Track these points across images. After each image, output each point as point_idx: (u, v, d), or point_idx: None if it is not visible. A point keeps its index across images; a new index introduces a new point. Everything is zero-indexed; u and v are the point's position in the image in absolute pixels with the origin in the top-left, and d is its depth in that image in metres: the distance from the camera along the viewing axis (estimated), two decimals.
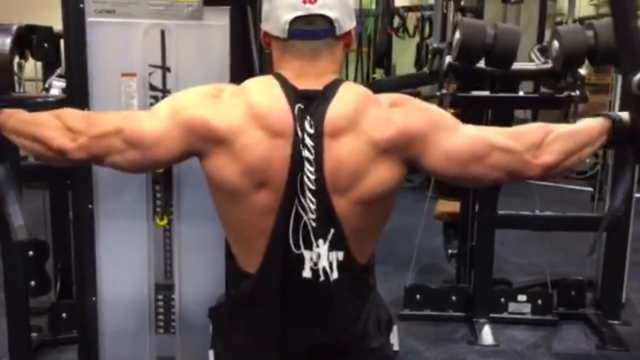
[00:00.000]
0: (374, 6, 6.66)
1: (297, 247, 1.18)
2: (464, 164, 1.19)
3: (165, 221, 1.88)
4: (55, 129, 1.21)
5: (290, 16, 1.17)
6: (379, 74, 6.83)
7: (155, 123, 1.20)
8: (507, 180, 1.24)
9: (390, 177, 1.18)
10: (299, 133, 1.14)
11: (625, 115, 1.26)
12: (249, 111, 1.16)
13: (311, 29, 1.18)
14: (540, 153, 1.21)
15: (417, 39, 6.45)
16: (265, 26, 1.24)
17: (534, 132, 1.23)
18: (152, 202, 1.89)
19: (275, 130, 1.15)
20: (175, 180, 1.89)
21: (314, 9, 1.17)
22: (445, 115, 1.24)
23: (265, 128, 1.15)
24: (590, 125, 1.27)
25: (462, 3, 5.11)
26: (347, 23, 1.22)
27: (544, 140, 1.22)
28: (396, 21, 6.45)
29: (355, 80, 6.67)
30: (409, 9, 6.77)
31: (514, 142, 1.20)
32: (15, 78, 2.33)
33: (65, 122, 1.22)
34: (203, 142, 1.18)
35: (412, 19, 6.58)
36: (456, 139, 1.19)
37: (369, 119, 1.16)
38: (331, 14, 1.18)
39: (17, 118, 1.25)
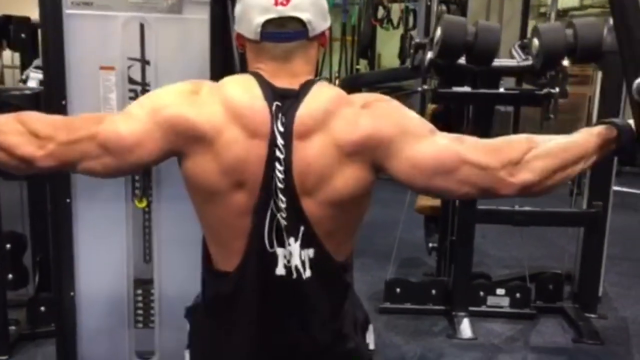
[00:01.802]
0: None
1: (271, 245, 1.17)
2: (430, 175, 1.14)
3: (144, 203, 1.88)
4: (19, 134, 1.11)
5: (261, 19, 1.16)
6: (362, 64, 6.83)
7: (133, 124, 1.14)
8: (480, 196, 1.18)
9: (356, 181, 1.16)
10: (276, 131, 1.13)
11: (631, 123, 1.17)
12: (228, 109, 1.14)
13: (283, 32, 1.17)
14: (518, 171, 1.13)
15: (401, 30, 6.45)
16: (238, 28, 1.23)
17: (515, 147, 1.15)
18: (131, 185, 1.89)
19: (252, 129, 1.14)
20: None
21: (286, 11, 1.15)
22: (418, 122, 1.18)
23: (244, 126, 1.14)
24: (586, 139, 1.18)
25: None
26: (320, 24, 1.20)
27: (524, 157, 1.14)
28: (380, 12, 6.43)
29: (339, 70, 6.66)
30: (394, 0, 6.75)
31: (488, 157, 1.14)
32: None
33: (30, 127, 1.12)
34: (185, 141, 1.15)
35: (396, 10, 6.57)
36: (423, 147, 1.14)
37: (338, 121, 1.14)
38: (303, 16, 1.16)
39: None
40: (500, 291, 2.94)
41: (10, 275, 2.45)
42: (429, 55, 2.37)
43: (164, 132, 1.14)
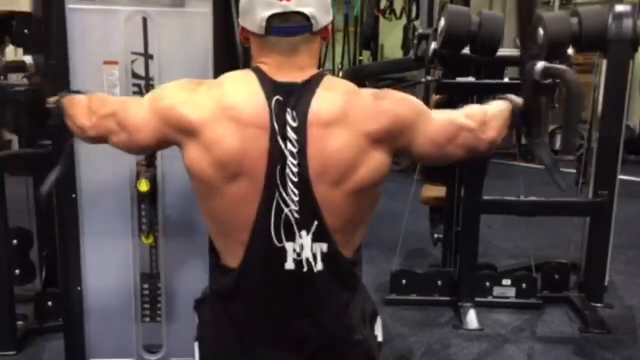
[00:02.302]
0: None
1: (279, 240, 1.18)
2: (443, 146, 1.28)
3: (151, 239, 1.92)
4: (82, 107, 1.38)
5: (267, 13, 1.18)
6: (365, 56, 6.80)
7: (139, 110, 1.26)
8: (466, 156, 1.34)
9: (380, 167, 1.20)
10: (276, 126, 1.15)
11: (520, 99, 1.44)
12: (220, 103, 1.17)
13: (288, 26, 1.19)
14: (487, 130, 1.35)
15: (404, 20, 6.42)
16: (243, 22, 1.25)
17: (479, 112, 1.37)
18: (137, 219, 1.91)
19: (248, 122, 1.15)
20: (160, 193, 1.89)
21: (291, 6, 1.17)
22: (422, 104, 1.30)
23: (236, 120, 1.15)
24: (505, 107, 1.42)
25: None
26: (324, 18, 1.22)
27: (486, 119, 1.36)
28: (383, 3, 6.40)
29: (342, 61, 6.64)
30: None
31: (471, 122, 1.32)
32: None
33: (90, 102, 1.38)
34: (176, 133, 1.21)
35: (399, 0, 6.53)
36: (436, 124, 1.27)
37: (358, 111, 1.18)
38: (307, 10, 1.18)
39: (67, 100, 1.43)
40: (506, 282, 2.93)
41: (17, 271, 2.46)
42: (433, 46, 2.36)
43: (157, 121, 1.23)
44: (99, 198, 1.91)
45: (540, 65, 1.41)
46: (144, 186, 1.82)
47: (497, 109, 1.40)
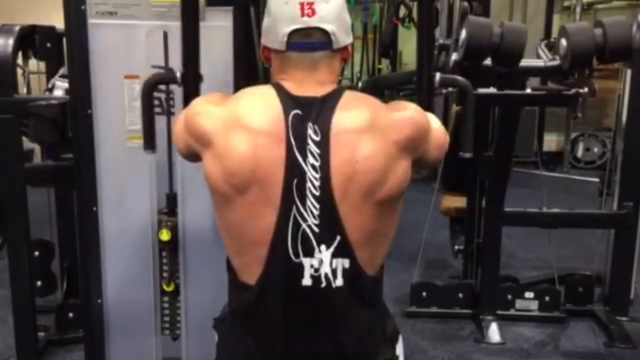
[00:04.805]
0: None
1: (296, 255, 1.17)
2: (441, 150, 1.32)
3: (172, 287, 1.95)
4: None
5: (288, 29, 1.20)
6: (384, 64, 6.78)
7: (179, 122, 1.31)
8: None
9: (406, 176, 1.22)
10: (292, 139, 1.15)
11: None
12: (232, 113, 1.19)
13: (309, 42, 1.21)
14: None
15: None
16: (265, 40, 1.26)
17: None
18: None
19: (260, 130, 1.16)
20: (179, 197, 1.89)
21: (312, 22, 1.19)
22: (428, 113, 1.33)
23: (247, 128, 1.16)
24: None
25: None
26: (344, 38, 1.24)
27: None
28: (402, 11, 6.38)
29: (360, 69, 6.63)
30: None
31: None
32: (20, 71, 2.32)
33: None
34: (195, 142, 1.23)
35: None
36: (440, 131, 1.32)
37: (382, 121, 1.19)
38: (328, 27, 1.20)
39: None
40: (528, 294, 2.88)
41: (38, 282, 2.48)
42: (454, 56, 2.34)
43: (185, 132, 1.25)
44: (120, 212, 1.92)
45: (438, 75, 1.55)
46: (165, 235, 1.88)
47: None
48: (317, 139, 1.15)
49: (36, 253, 2.46)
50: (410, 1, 6.41)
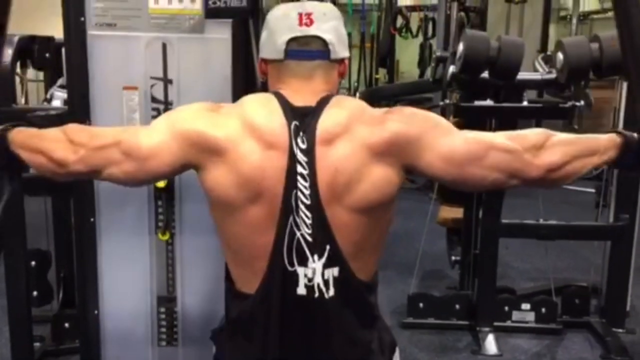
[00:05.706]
0: (376, 0, 6.64)
1: (291, 264, 1.18)
2: (462, 165, 1.18)
3: (167, 236, 1.88)
4: (58, 141, 1.25)
5: (286, 37, 1.21)
6: (382, 73, 6.82)
7: (152, 135, 1.23)
8: (508, 181, 1.21)
9: (385, 183, 1.18)
10: (294, 149, 1.16)
11: (635, 135, 1.23)
12: (244, 122, 1.18)
13: (306, 50, 1.22)
14: (541, 153, 1.19)
15: (420, 38, 6.43)
16: (262, 53, 1.28)
17: (535, 134, 1.22)
18: (154, 217, 1.89)
19: (269, 143, 1.16)
20: (177, 194, 1.89)
21: (310, 31, 1.21)
22: (440, 119, 1.24)
23: (260, 140, 1.16)
24: (596, 137, 1.25)
25: (466, 3, 5.09)
26: (341, 50, 1.25)
27: (545, 143, 1.21)
28: (399, 21, 6.42)
29: (357, 79, 6.66)
30: (412, 8, 6.74)
31: (513, 142, 1.19)
32: (18, 79, 2.33)
33: (69, 135, 1.25)
34: (200, 153, 1.19)
35: (415, 18, 6.55)
36: (452, 140, 1.19)
37: (362, 125, 1.18)
38: (326, 36, 1.22)
39: (26, 133, 1.30)
40: (525, 306, 2.89)
41: (35, 292, 2.47)
42: (451, 69, 2.35)
43: (179, 144, 1.20)
44: (117, 221, 1.92)
45: None
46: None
47: (576, 137, 1.25)
48: (304, 147, 1.16)
49: (33, 263, 2.45)
50: (407, 11, 6.46)
